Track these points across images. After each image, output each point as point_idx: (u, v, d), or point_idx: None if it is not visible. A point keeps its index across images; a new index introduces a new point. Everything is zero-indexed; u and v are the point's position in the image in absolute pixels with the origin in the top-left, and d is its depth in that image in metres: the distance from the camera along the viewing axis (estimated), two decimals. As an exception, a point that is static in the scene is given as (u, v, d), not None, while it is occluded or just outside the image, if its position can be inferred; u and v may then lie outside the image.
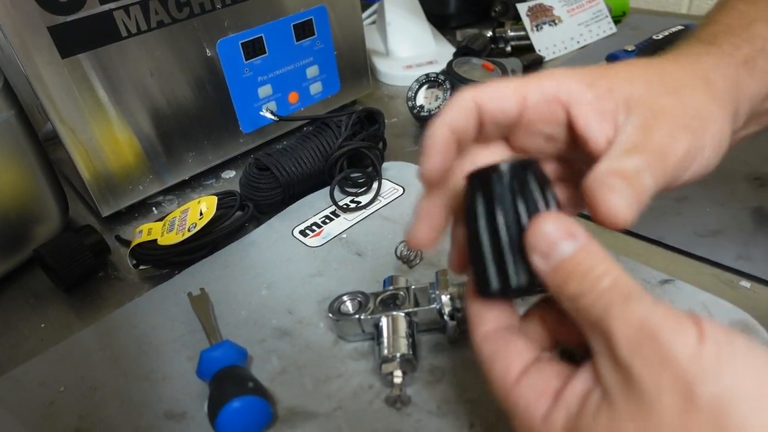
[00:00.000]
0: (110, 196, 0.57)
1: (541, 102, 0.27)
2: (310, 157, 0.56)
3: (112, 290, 0.50)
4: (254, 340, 0.42)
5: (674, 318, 0.20)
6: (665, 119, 0.26)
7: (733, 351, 0.19)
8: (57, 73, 0.49)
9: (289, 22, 0.62)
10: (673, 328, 0.20)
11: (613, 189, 0.24)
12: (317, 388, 0.38)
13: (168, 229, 0.50)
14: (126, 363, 0.42)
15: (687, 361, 0.19)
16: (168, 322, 0.45)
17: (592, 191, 0.24)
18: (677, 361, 0.19)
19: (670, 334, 0.20)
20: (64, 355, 0.43)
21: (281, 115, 0.63)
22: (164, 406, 0.38)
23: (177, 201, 0.61)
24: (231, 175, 0.64)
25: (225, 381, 0.36)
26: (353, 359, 0.39)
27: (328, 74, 0.68)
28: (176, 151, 0.60)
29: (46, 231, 0.53)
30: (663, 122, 0.26)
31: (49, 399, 0.39)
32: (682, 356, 0.19)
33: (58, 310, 0.49)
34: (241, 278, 0.48)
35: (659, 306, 0.21)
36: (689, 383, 0.19)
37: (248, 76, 0.62)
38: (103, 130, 0.54)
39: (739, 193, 0.50)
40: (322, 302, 0.44)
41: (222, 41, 0.58)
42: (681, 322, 0.20)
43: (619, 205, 0.23)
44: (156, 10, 0.53)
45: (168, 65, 0.56)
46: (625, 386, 0.20)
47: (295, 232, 0.52)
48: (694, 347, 0.19)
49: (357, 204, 0.55)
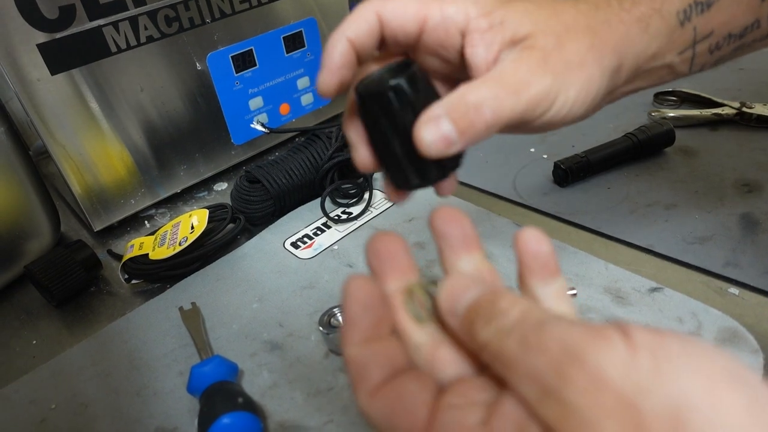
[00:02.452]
0: (102, 211, 0.57)
1: (440, 25, 0.28)
2: (300, 168, 0.56)
3: (104, 305, 0.50)
4: (245, 353, 0.42)
5: (596, 333, 0.19)
6: (536, 57, 0.27)
7: (670, 355, 0.18)
8: (47, 90, 0.49)
9: (279, 34, 0.63)
10: (598, 345, 0.18)
11: (428, 123, 0.25)
12: (308, 401, 0.38)
13: (159, 243, 0.50)
14: (117, 379, 0.42)
15: (621, 379, 0.17)
16: (159, 336, 0.45)
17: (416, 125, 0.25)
18: (611, 379, 0.17)
19: (595, 352, 0.18)
20: (55, 371, 0.43)
21: (272, 127, 0.63)
22: (155, 422, 0.38)
23: (169, 214, 0.61)
24: (223, 187, 0.65)
25: (215, 397, 0.36)
26: (344, 372, 0.39)
27: (319, 85, 0.68)
28: (168, 165, 0.60)
29: (38, 247, 0.53)
30: (532, 59, 0.27)
31: (40, 417, 0.39)
32: (615, 372, 0.18)
33: (49, 326, 0.49)
34: (233, 291, 0.48)
35: (578, 325, 0.19)
36: (631, 402, 0.17)
37: (239, 88, 0.62)
38: (94, 144, 0.54)
39: (727, 199, 0.50)
40: (313, 315, 0.44)
41: (212, 55, 0.58)
42: (605, 336, 0.18)
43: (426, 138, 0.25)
44: (145, 25, 0.53)
45: (159, 79, 0.56)
46: (566, 419, 0.18)
47: (287, 244, 0.52)
48: (625, 360, 0.18)
49: (348, 215, 0.55)
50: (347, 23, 0.28)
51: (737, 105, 0.61)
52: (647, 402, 0.17)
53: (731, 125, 0.61)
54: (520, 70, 0.26)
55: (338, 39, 0.27)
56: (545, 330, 0.19)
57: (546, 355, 0.19)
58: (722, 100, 0.63)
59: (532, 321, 0.20)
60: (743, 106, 0.61)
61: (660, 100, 0.68)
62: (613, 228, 0.49)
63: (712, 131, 0.61)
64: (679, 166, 0.56)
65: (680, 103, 0.67)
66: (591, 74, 0.28)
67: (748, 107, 0.61)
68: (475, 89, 0.26)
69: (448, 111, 0.25)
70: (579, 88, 0.28)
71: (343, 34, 0.27)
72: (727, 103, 0.62)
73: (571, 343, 0.19)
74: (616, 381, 0.17)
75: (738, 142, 0.59)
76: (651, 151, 0.57)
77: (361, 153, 0.29)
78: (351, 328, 0.23)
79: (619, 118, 0.65)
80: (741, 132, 0.60)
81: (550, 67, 0.27)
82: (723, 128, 0.61)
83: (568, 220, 0.51)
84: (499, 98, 0.26)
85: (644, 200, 0.52)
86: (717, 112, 0.61)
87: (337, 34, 0.27)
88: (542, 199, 0.54)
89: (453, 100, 0.26)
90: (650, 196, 0.53)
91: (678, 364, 0.17)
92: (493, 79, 0.26)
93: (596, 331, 0.19)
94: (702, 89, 0.66)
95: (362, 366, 0.23)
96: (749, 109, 0.61)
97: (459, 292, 0.23)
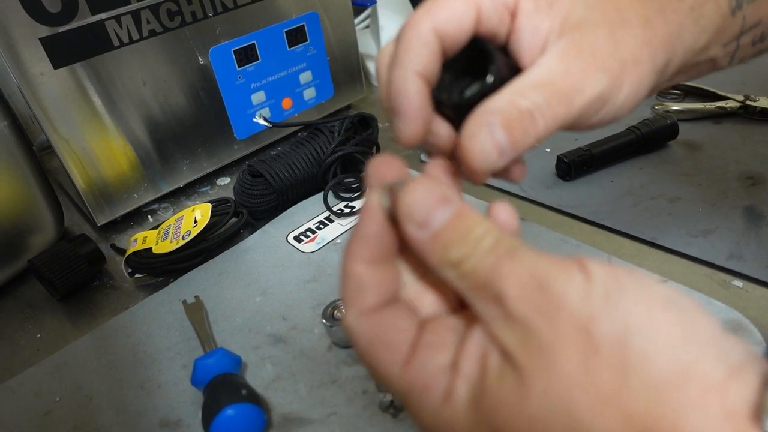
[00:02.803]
0: (105, 205, 0.57)
1: (493, 12, 0.25)
2: (303, 162, 0.56)
3: (108, 299, 0.50)
4: (249, 346, 0.42)
5: (560, 264, 0.20)
6: (589, 54, 0.25)
7: (620, 286, 0.19)
8: (50, 84, 0.49)
9: (282, 28, 0.63)
10: (560, 274, 0.19)
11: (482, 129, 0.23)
12: (311, 394, 0.38)
13: (163, 238, 0.50)
14: (121, 372, 0.42)
15: (578, 303, 0.19)
16: (163, 330, 0.45)
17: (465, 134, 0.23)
18: (569, 305, 0.19)
19: (558, 279, 0.19)
20: (60, 364, 0.43)
21: (274, 121, 0.63)
22: (159, 414, 0.38)
23: (172, 208, 0.61)
24: (226, 181, 0.65)
25: (219, 389, 0.36)
26: (347, 365, 0.40)
27: (322, 80, 0.68)
28: (171, 159, 0.60)
29: (41, 241, 0.53)
30: (585, 56, 0.24)
31: (44, 409, 0.40)
32: (573, 299, 0.19)
33: (53, 320, 0.49)
34: (236, 285, 0.48)
35: (543, 255, 0.20)
36: (585, 326, 0.19)
37: (241, 83, 0.62)
38: (98, 139, 0.54)
39: (731, 192, 0.50)
40: (316, 308, 0.44)
41: (214, 49, 0.58)
42: (567, 267, 0.20)
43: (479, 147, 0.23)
44: (148, 19, 0.53)
45: (161, 74, 0.56)
46: (525, 342, 0.19)
47: (290, 238, 0.53)
48: (582, 289, 0.19)
49: (351, 209, 0.55)
50: (407, 54, 0.24)
51: (741, 98, 0.61)
52: (597, 326, 0.18)
53: (735, 118, 0.61)
54: (573, 71, 0.24)
55: (406, 78, 0.24)
56: (516, 257, 0.20)
57: (514, 280, 0.20)
58: (726, 93, 0.63)
59: (504, 248, 0.21)
60: (747, 100, 0.61)
61: (663, 94, 0.67)
62: (616, 221, 0.49)
63: (715, 124, 0.61)
64: (682, 159, 0.56)
65: (684, 96, 0.67)
66: (644, 73, 0.26)
67: (752, 100, 0.61)
68: (526, 94, 0.23)
69: (502, 119, 0.23)
70: (631, 89, 0.26)
71: (409, 69, 0.24)
72: (731, 96, 0.62)
73: (538, 270, 0.20)
74: (574, 307, 0.19)
75: (742, 135, 0.58)
76: (655, 144, 0.57)
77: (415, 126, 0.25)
78: (362, 244, 0.23)
79: (623, 111, 0.65)
80: (745, 125, 0.60)
81: (605, 67, 0.25)
82: (727, 121, 0.61)
83: (572, 214, 0.51)
84: (552, 106, 0.24)
85: (648, 193, 0.52)
86: (721, 106, 0.61)
87: (402, 71, 0.24)
88: (545, 193, 0.54)
89: (503, 105, 0.23)
90: (654, 189, 0.52)
91: (624, 293, 0.19)
92: (543, 83, 0.24)
93: (560, 261, 0.20)
94: (706, 82, 0.66)
95: (361, 285, 0.23)
96: (753, 102, 0.60)
97: (431, 205, 0.22)
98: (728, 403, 0.17)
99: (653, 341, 0.18)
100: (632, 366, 0.18)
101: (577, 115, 0.25)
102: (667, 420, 0.17)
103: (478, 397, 0.21)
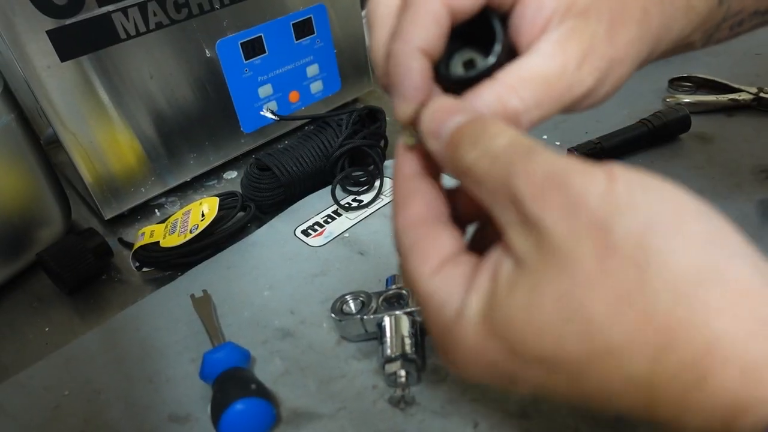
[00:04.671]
0: (112, 199, 0.57)
1: None
2: (311, 156, 0.56)
3: (116, 293, 0.50)
4: (257, 341, 0.42)
5: (581, 165, 0.19)
6: (587, 49, 0.24)
7: (646, 186, 0.18)
8: (57, 77, 0.49)
9: (289, 21, 0.62)
10: (581, 174, 0.18)
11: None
12: (320, 388, 0.38)
13: (170, 231, 0.50)
14: (130, 366, 0.42)
15: (598, 202, 0.18)
16: (171, 324, 0.45)
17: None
18: (588, 203, 0.18)
19: (577, 179, 0.18)
20: (68, 358, 0.43)
21: (282, 114, 0.63)
22: (168, 408, 0.38)
23: (179, 202, 0.61)
24: (233, 175, 0.64)
25: (228, 383, 0.36)
26: (356, 359, 0.39)
27: (329, 73, 0.68)
28: (178, 153, 0.60)
29: (49, 235, 0.53)
30: (582, 52, 0.24)
31: (53, 403, 0.40)
32: (593, 197, 0.18)
33: (61, 314, 0.49)
34: (244, 279, 0.48)
35: (563, 156, 0.19)
36: (603, 224, 0.17)
37: (248, 76, 0.61)
38: (105, 132, 0.54)
39: (745, 185, 0.50)
40: (324, 302, 0.44)
41: (221, 41, 0.58)
42: (588, 169, 0.19)
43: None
44: (154, 11, 0.53)
45: (168, 66, 0.56)
46: (539, 246, 0.18)
47: (297, 232, 0.52)
48: (604, 187, 0.18)
49: (359, 203, 0.54)
50: (412, 27, 0.23)
51: (754, 90, 0.60)
52: (617, 225, 0.17)
53: (748, 111, 0.60)
54: (569, 67, 0.24)
55: (409, 54, 0.23)
56: (533, 156, 0.19)
57: (530, 179, 0.19)
58: (739, 85, 0.62)
59: (521, 147, 0.20)
60: (761, 92, 0.60)
61: (675, 86, 0.66)
62: (627, 215, 0.48)
63: (728, 117, 0.60)
64: (695, 152, 0.55)
65: (696, 88, 0.66)
66: (627, 69, 0.26)
67: (765, 92, 0.60)
68: (519, 90, 0.23)
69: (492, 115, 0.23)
70: (612, 85, 0.26)
71: (415, 44, 0.22)
72: (744, 88, 0.61)
73: (556, 170, 0.19)
74: (592, 205, 0.18)
75: (755, 127, 0.58)
76: (666, 137, 0.57)
77: None
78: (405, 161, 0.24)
79: (634, 104, 0.64)
80: (758, 117, 0.59)
81: (595, 66, 0.24)
82: (740, 114, 0.60)
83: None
84: (541, 107, 0.23)
85: (659, 187, 0.51)
86: (734, 98, 0.60)
87: (407, 47, 0.23)
88: (555, 187, 0.54)
89: (491, 101, 0.23)
90: (666, 182, 0.52)
91: (651, 195, 0.18)
92: (538, 79, 0.23)
93: (581, 163, 0.19)
94: (718, 74, 0.65)
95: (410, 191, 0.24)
96: (767, 94, 0.59)
97: (443, 116, 0.22)
98: (765, 311, 0.16)
99: (678, 240, 0.17)
100: (652, 264, 0.17)
101: (561, 110, 0.25)
102: (690, 322, 0.16)
103: (488, 311, 0.20)
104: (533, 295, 0.18)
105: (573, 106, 0.25)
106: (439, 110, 0.22)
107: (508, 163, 0.20)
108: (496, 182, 0.20)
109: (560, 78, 0.24)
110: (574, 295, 0.18)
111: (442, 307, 0.22)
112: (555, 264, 0.18)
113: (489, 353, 0.20)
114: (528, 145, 0.20)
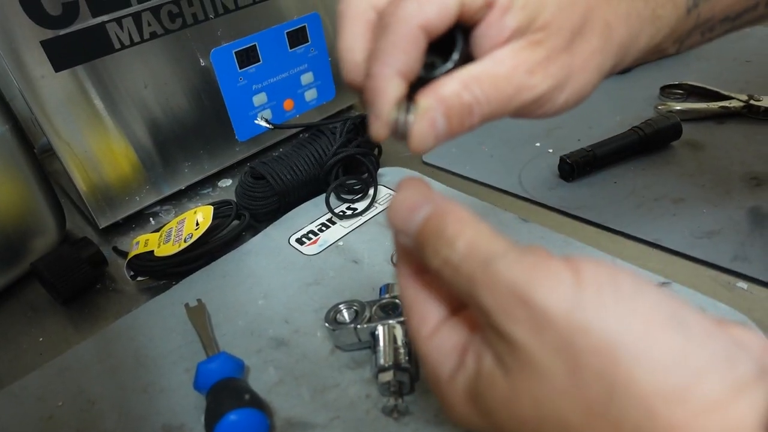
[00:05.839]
0: (107, 208, 0.57)
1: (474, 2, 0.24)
2: (305, 164, 0.56)
3: (110, 302, 0.50)
4: (251, 350, 0.42)
5: (544, 271, 0.19)
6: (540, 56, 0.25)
7: (616, 291, 0.18)
8: (51, 87, 0.49)
9: (283, 29, 0.62)
10: (545, 284, 0.19)
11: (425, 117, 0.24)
12: (314, 398, 0.38)
13: (165, 240, 0.50)
14: (124, 376, 0.42)
15: (564, 317, 0.18)
16: (165, 333, 0.45)
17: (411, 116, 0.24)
18: (554, 319, 0.18)
19: (541, 291, 0.19)
20: (62, 368, 0.43)
21: (276, 122, 0.63)
22: (162, 419, 0.38)
23: (174, 211, 0.61)
24: (227, 183, 0.64)
25: (222, 393, 0.36)
26: (350, 368, 0.39)
27: (323, 81, 0.68)
28: (172, 161, 0.60)
29: (44, 244, 0.53)
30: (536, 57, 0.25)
31: (47, 414, 0.40)
32: (559, 312, 0.18)
33: (56, 323, 0.49)
34: (238, 288, 0.48)
35: (525, 261, 0.19)
36: (570, 340, 0.18)
37: (243, 84, 0.62)
38: (99, 142, 0.54)
39: (735, 193, 0.50)
40: (318, 311, 0.44)
41: (216, 51, 0.58)
42: (553, 273, 0.19)
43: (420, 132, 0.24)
44: (149, 21, 0.53)
45: (162, 76, 0.56)
46: (513, 354, 0.19)
47: (292, 241, 0.52)
48: (570, 298, 0.18)
49: (353, 211, 0.55)
50: (394, 50, 0.23)
51: (745, 98, 0.61)
52: (585, 341, 0.18)
53: (739, 118, 0.61)
54: (521, 69, 0.25)
55: (388, 77, 0.23)
56: (492, 266, 0.20)
57: (493, 294, 0.20)
58: (729, 92, 0.62)
59: (478, 258, 0.21)
60: (751, 99, 0.60)
61: (666, 94, 0.67)
62: (619, 222, 0.49)
63: (719, 124, 0.61)
64: (686, 159, 0.56)
65: (687, 96, 0.66)
66: (589, 78, 0.27)
67: (755, 100, 0.60)
68: (471, 87, 0.24)
69: (444, 108, 0.24)
70: (572, 92, 0.27)
71: (393, 68, 0.23)
72: (735, 95, 0.62)
73: (518, 283, 0.19)
74: (559, 320, 0.18)
75: (746, 135, 0.58)
76: (658, 144, 0.57)
77: None
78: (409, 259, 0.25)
79: (626, 111, 0.64)
80: (749, 125, 0.60)
81: (550, 73, 0.25)
82: (730, 121, 0.61)
83: (574, 215, 0.51)
84: (491, 102, 0.24)
85: (651, 194, 0.52)
86: (724, 105, 0.61)
87: (386, 70, 0.23)
88: (548, 194, 0.54)
89: (448, 94, 0.24)
90: (657, 190, 0.52)
91: (621, 306, 0.18)
92: (488, 77, 0.24)
93: (545, 268, 0.19)
94: (709, 82, 0.66)
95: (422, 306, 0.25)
96: (757, 101, 0.60)
97: (407, 214, 0.23)
98: (731, 421, 0.16)
99: (646, 361, 0.17)
100: (620, 383, 0.17)
101: (514, 111, 0.26)
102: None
103: (474, 394, 0.22)
104: (513, 394, 0.20)
105: (530, 108, 0.26)
106: (401, 209, 0.24)
107: (469, 276, 0.21)
108: (462, 292, 0.21)
109: (508, 80, 0.25)
110: (549, 400, 0.19)
111: (437, 368, 0.23)
112: (530, 372, 0.19)
113: (475, 420, 0.22)
114: (486, 251, 0.21)
